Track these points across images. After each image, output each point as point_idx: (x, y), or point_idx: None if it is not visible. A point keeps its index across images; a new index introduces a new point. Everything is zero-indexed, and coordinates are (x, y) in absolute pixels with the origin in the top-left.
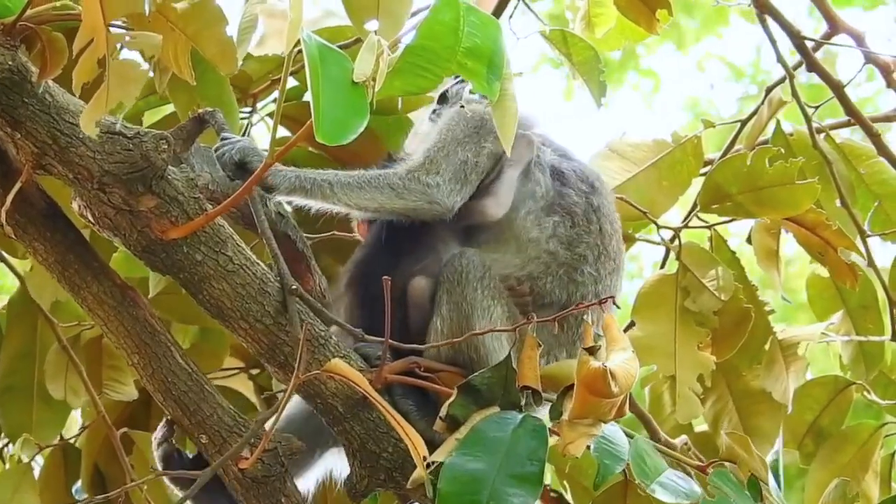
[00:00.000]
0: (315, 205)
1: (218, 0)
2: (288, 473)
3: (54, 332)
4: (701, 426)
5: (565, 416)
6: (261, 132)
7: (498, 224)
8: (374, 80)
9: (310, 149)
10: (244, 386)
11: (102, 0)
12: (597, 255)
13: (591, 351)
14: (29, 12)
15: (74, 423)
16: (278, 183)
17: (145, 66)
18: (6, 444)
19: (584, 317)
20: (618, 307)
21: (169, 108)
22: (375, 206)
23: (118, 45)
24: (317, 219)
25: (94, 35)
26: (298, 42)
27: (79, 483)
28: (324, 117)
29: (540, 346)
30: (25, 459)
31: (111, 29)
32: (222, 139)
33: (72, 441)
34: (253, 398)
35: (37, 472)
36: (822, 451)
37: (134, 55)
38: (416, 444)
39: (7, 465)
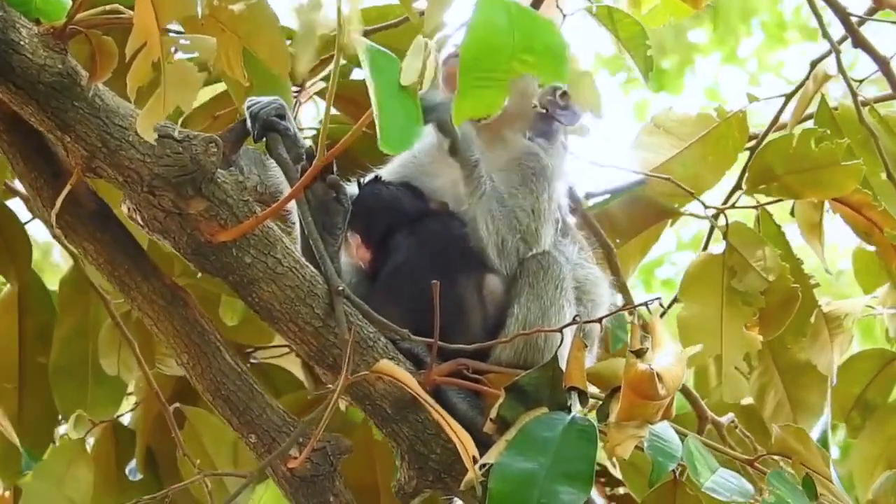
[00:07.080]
0: None
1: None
2: (336, 472)
3: (107, 308)
4: (746, 399)
5: (612, 419)
6: (310, 111)
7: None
8: (420, 84)
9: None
10: (294, 364)
11: (155, 3)
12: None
13: (638, 353)
14: (78, 16)
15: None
16: None
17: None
18: (59, 422)
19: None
20: (662, 307)
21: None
22: None
23: (172, 49)
24: None
25: (148, 38)
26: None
27: (132, 463)
28: (389, 127)
29: (585, 346)
30: (77, 437)
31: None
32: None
33: (122, 419)
34: (300, 374)
35: None
36: (870, 423)
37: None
38: (466, 444)
39: (58, 444)
